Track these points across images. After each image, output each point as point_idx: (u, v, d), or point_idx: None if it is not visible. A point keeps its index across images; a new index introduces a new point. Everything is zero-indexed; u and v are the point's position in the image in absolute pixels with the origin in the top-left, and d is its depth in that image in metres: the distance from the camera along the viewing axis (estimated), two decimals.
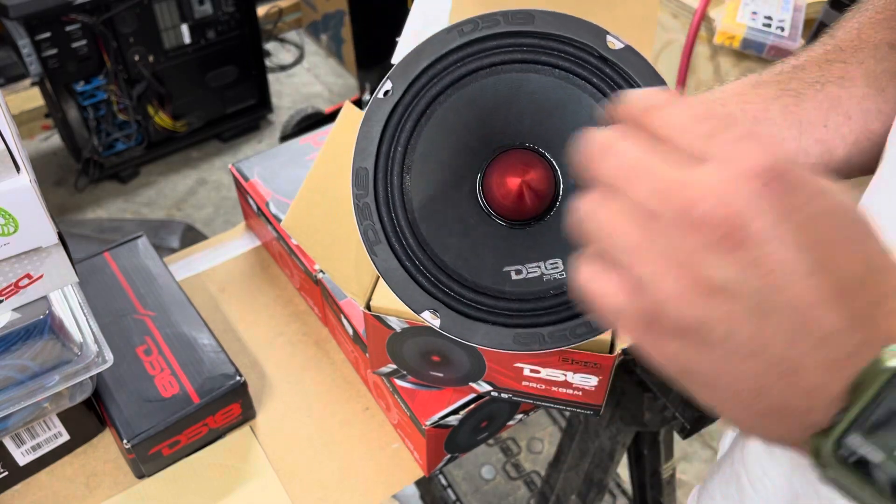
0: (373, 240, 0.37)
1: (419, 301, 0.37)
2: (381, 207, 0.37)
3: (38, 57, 1.83)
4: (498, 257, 0.37)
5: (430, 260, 0.37)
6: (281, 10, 2.69)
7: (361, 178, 0.37)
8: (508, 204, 0.37)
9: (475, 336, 0.36)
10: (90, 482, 0.68)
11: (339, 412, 0.73)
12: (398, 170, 0.37)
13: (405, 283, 0.37)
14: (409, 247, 0.37)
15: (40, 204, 0.51)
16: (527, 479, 1.48)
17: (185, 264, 0.86)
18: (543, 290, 0.36)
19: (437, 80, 0.37)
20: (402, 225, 0.37)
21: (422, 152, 0.37)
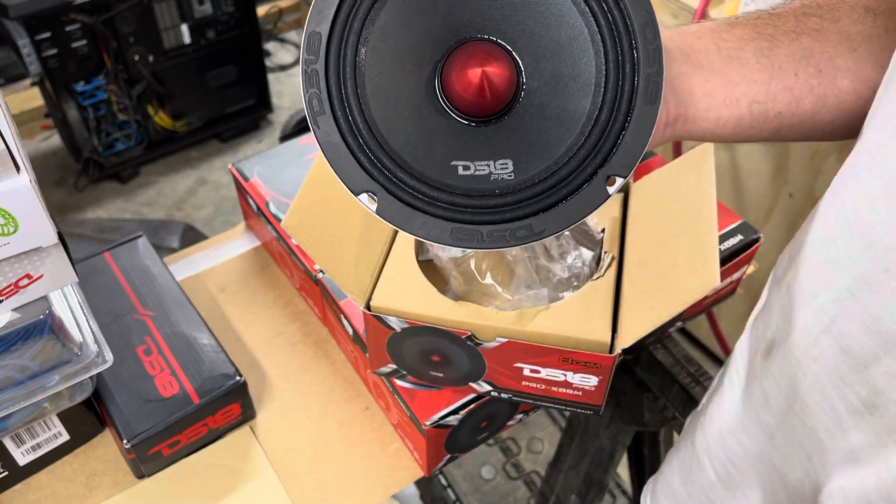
0: (317, 110, 0.35)
1: (357, 181, 0.35)
2: (330, 76, 0.35)
3: (38, 57, 1.83)
4: (447, 150, 0.36)
5: (375, 140, 0.35)
6: (281, 9, 2.69)
7: (314, 43, 0.35)
8: (466, 97, 0.35)
9: (412, 225, 0.35)
10: (90, 482, 0.68)
11: (339, 412, 0.73)
12: (354, 40, 0.35)
13: (345, 160, 0.35)
14: (355, 123, 0.35)
15: (40, 204, 0.51)
16: (527, 479, 1.48)
17: (185, 264, 0.86)
18: (489, 188, 0.35)
19: None
20: (350, 99, 0.35)
21: (381, 27, 0.35)
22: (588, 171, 0.35)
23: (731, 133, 0.44)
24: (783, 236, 1.33)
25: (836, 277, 0.40)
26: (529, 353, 0.57)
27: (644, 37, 0.35)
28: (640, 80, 0.35)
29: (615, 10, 0.35)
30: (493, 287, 0.63)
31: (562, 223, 0.35)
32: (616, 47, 0.35)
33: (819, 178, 1.24)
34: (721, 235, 0.75)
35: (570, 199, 0.35)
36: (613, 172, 0.35)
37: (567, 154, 0.35)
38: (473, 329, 0.57)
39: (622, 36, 0.35)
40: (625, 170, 0.35)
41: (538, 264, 0.60)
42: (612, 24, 0.35)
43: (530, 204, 0.35)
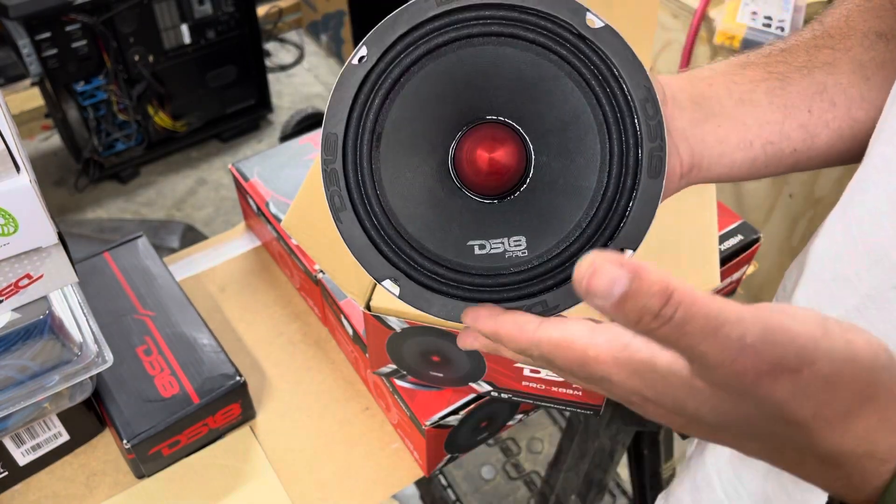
0: (338, 206, 0.37)
1: (380, 269, 0.37)
2: (349, 174, 0.37)
3: (38, 57, 1.83)
4: (464, 231, 0.37)
5: (395, 229, 0.37)
6: (281, 10, 2.69)
7: (331, 143, 0.37)
8: (478, 177, 0.37)
9: (431, 307, 0.37)
10: (90, 482, 0.68)
11: (339, 412, 0.73)
12: (369, 137, 0.37)
13: (367, 251, 0.37)
14: (375, 215, 0.37)
15: (40, 204, 0.51)
16: (527, 479, 1.48)
17: (185, 264, 0.86)
18: (504, 266, 0.37)
19: (413, 49, 0.36)
20: (368, 193, 0.37)
21: (393, 121, 0.37)
22: (598, 246, 0.36)
23: (746, 174, 0.44)
24: (783, 236, 1.33)
25: (844, 294, 0.40)
26: None
27: (645, 113, 0.36)
28: (643, 155, 0.36)
29: (616, 89, 0.36)
30: None
31: (575, 297, 0.36)
32: (618, 124, 0.36)
33: (819, 178, 1.24)
34: (721, 235, 0.75)
35: None
36: (622, 246, 0.36)
37: (577, 229, 0.36)
38: None
39: (624, 113, 0.36)
40: (633, 243, 0.36)
41: None
42: (613, 101, 0.36)
43: (543, 280, 0.36)
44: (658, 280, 0.25)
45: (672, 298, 0.25)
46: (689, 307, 0.25)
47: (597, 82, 0.36)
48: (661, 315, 0.25)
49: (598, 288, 0.26)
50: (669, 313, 0.25)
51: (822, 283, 0.42)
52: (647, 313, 0.26)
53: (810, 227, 1.28)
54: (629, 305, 0.25)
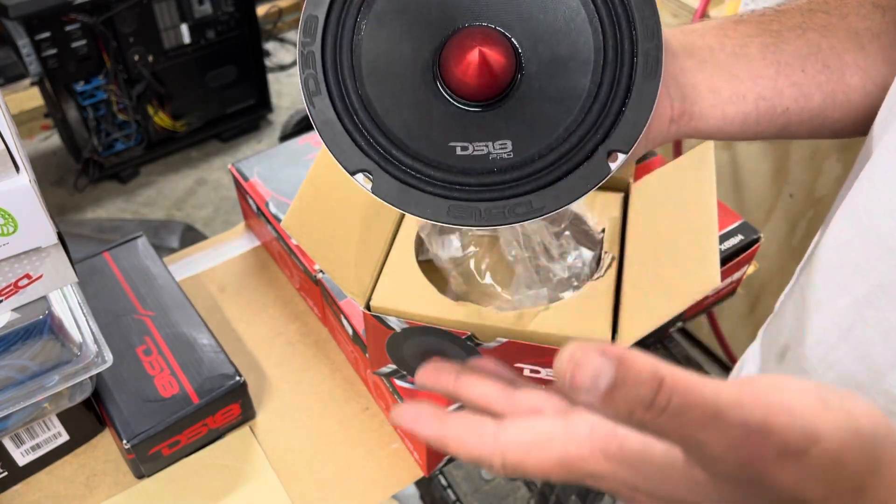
0: (313, 90, 0.35)
1: (353, 160, 0.35)
2: (326, 58, 0.35)
3: (38, 57, 1.83)
4: (445, 132, 0.36)
5: (371, 120, 0.35)
6: (280, 9, 2.69)
7: (310, 25, 0.35)
8: (465, 82, 0.35)
9: (408, 204, 0.35)
10: (90, 482, 0.68)
11: (339, 412, 0.73)
12: (351, 23, 0.35)
13: (341, 139, 0.35)
14: (351, 103, 0.35)
15: (40, 204, 0.51)
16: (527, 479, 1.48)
17: (185, 264, 0.86)
18: (488, 167, 0.35)
19: None
20: (346, 80, 0.35)
21: (378, 12, 0.35)
22: (588, 148, 0.35)
23: (738, 130, 0.43)
24: (783, 236, 1.33)
25: (853, 284, 0.39)
26: (529, 354, 0.57)
27: (641, 13, 0.35)
28: (639, 55, 0.35)
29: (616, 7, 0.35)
30: (492, 287, 0.63)
31: (562, 199, 0.35)
32: (614, 25, 0.35)
33: (819, 178, 1.24)
34: (721, 235, 0.75)
35: (570, 175, 0.35)
36: (614, 148, 0.35)
37: (567, 131, 0.35)
38: (473, 329, 0.57)
39: (619, 14, 0.35)
40: (626, 145, 0.35)
41: (538, 264, 0.60)
42: (608, 2, 0.35)
43: (529, 181, 0.35)
44: (645, 366, 0.23)
45: (664, 385, 0.23)
46: (685, 395, 0.23)
47: None
48: (655, 405, 0.23)
49: (582, 382, 0.23)
50: (663, 402, 0.23)
51: (830, 270, 0.41)
52: (638, 405, 0.23)
53: (810, 227, 1.28)
54: (618, 397, 0.23)
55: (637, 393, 0.23)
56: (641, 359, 0.23)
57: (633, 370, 0.23)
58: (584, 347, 0.24)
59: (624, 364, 0.23)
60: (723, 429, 0.24)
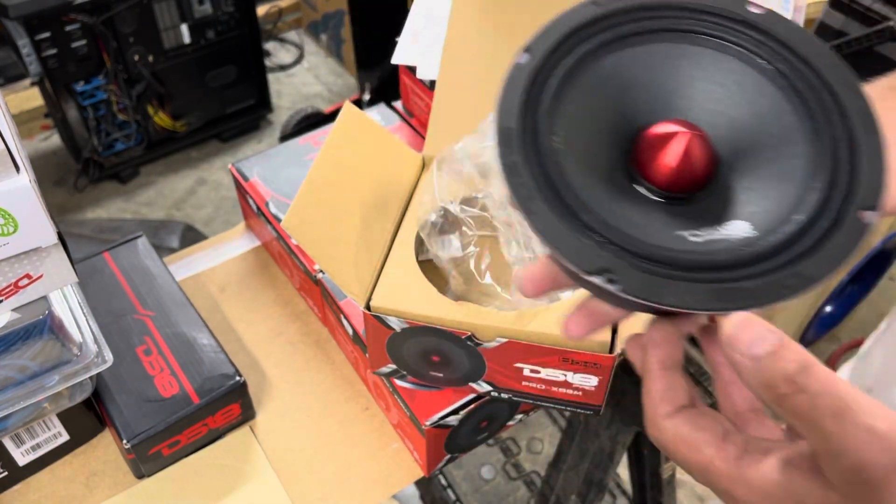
0: (526, 196, 0.33)
1: (591, 260, 0.32)
2: (531, 165, 0.34)
3: (38, 57, 1.83)
4: (668, 224, 0.34)
5: (594, 218, 0.33)
6: (281, 9, 2.69)
7: (507, 136, 0.34)
8: (664, 177, 0.35)
9: (663, 295, 0.31)
10: (90, 482, 0.68)
11: (339, 412, 0.73)
12: (545, 129, 0.35)
13: (570, 241, 0.32)
14: (567, 205, 0.33)
15: (40, 204, 0.51)
16: (527, 479, 1.48)
17: (185, 264, 0.86)
18: (730, 247, 0.33)
19: (578, 48, 0.36)
20: (555, 183, 0.34)
21: (567, 116, 0.35)
22: (833, 212, 0.33)
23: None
24: None
25: None
26: (529, 353, 0.57)
27: (835, 74, 0.34)
28: (850, 115, 0.34)
29: (799, 65, 0.35)
30: (492, 287, 0.63)
31: (832, 264, 0.32)
32: (816, 98, 0.34)
33: None
34: None
35: (827, 241, 0.33)
36: (863, 206, 0.33)
37: (800, 202, 0.33)
38: (473, 329, 0.57)
39: (816, 85, 0.34)
40: (873, 201, 0.33)
41: None
42: (802, 76, 0.35)
43: (787, 253, 0.33)
44: (799, 350, 0.27)
45: (809, 369, 0.26)
46: (824, 382, 0.26)
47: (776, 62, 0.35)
48: (796, 382, 0.26)
49: (743, 340, 0.27)
50: (803, 382, 0.26)
51: None
52: (783, 378, 0.26)
53: None
54: (768, 365, 0.27)
55: (785, 367, 0.26)
56: (797, 345, 0.27)
57: (788, 348, 0.27)
58: (754, 318, 0.28)
59: (782, 341, 0.27)
60: (850, 423, 0.25)
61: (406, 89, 0.90)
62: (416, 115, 0.90)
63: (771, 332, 0.27)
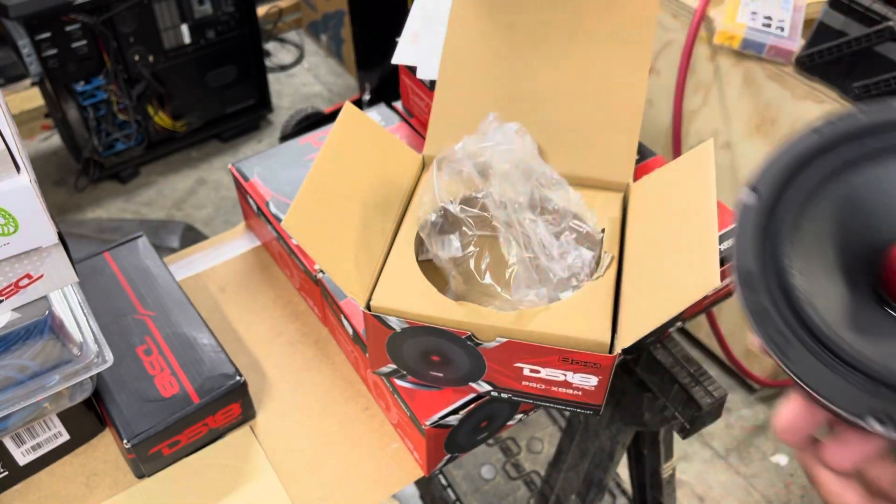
0: (781, 343, 0.33)
1: (861, 403, 0.32)
2: (781, 309, 0.34)
3: (38, 57, 1.83)
4: None
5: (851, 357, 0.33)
6: (281, 10, 2.69)
7: (750, 280, 0.34)
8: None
9: None
10: (90, 482, 0.68)
11: (339, 412, 0.73)
12: (785, 267, 0.35)
13: (838, 385, 0.32)
14: (825, 347, 0.33)
15: (40, 204, 0.51)
16: (526, 478, 1.48)
17: (185, 264, 0.86)
18: None
19: (806, 180, 0.36)
20: (810, 325, 0.34)
21: (803, 252, 0.35)
22: None
23: None
24: None
25: None
26: (529, 353, 0.57)
27: None
28: None
29: None
30: (492, 287, 0.63)
31: None
32: None
33: None
34: (721, 235, 0.75)
35: None
36: None
37: None
38: (473, 329, 0.57)
39: None
40: None
41: (538, 264, 0.60)
42: None
43: None
44: None
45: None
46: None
47: None
48: None
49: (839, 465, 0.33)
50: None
51: None
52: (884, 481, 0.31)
53: None
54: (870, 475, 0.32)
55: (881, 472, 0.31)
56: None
57: None
58: None
59: None
60: None
61: (406, 89, 0.90)
62: (416, 115, 0.90)
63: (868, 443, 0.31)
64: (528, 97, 0.69)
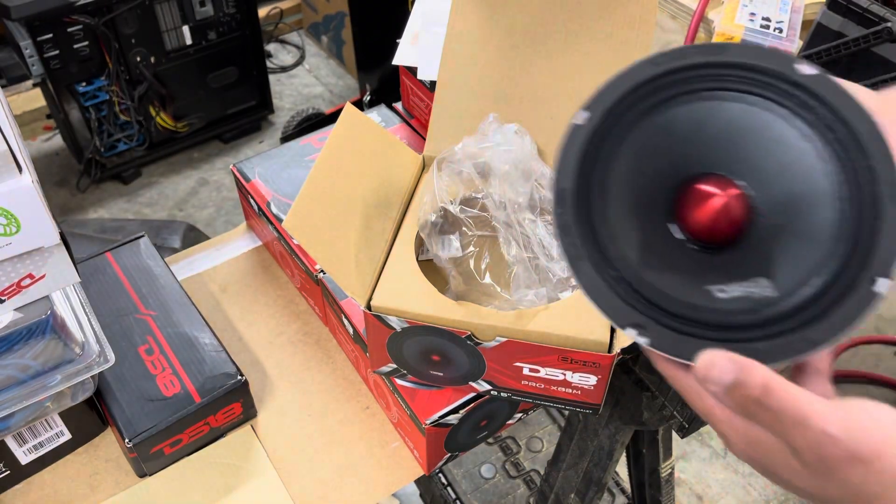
0: (574, 255, 0.37)
1: (624, 316, 0.36)
2: (582, 225, 0.38)
3: (40, 58, 1.83)
4: (697, 277, 0.37)
5: (633, 276, 0.37)
6: (282, 11, 2.70)
7: (563, 197, 0.38)
8: (702, 228, 0.38)
9: (687, 353, 0.35)
10: (92, 481, 0.68)
11: (340, 411, 0.73)
12: (597, 191, 0.38)
13: (608, 298, 0.37)
14: (610, 263, 0.37)
15: (42, 204, 0.51)
16: (526, 477, 1.49)
17: (187, 264, 0.87)
18: (752, 307, 0.36)
19: (633, 107, 0.38)
20: (602, 242, 0.37)
21: (617, 175, 0.38)
22: (849, 277, 0.35)
23: None
24: None
25: None
26: (529, 353, 0.58)
27: (872, 144, 0.36)
28: (881, 187, 0.35)
29: (837, 125, 0.36)
30: (492, 287, 0.63)
31: (840, 330, 0.35)
32: (848, 159, 0.36)
33: None
34: None
35: (838, 306, 0.35)
36: (877, 275, 0.35)
37: (820, 266, 0.35)
38: (473, 329, 0.57)
39: (850, 148, 0.36)
40: (887, 270, 0.35)
41: (538, 264, 0.60)
42: (837, 138, 0.36)
43: (800, 317, 0.35)
44: (761, 376, 0.32)
45: (771, 393, 0.32)
46: (783, 401, 0.32)
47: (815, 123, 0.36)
48: (762, 404, 0.32)
49: (712, 376, 0.33)
50: (766, 402, 0.32)
51: None
52: (749, 401, 0.33)
53: None
54: (736, 392, 0.33)
55: (750, 392, 0.32)
56: (760, 370, 0.33)
57: (750, 375, 0.32)
58: (718, 354, 0.34)
59: (745, 371, 0.32)
60: (807, 431, 0.32)
61: (406, 90, 0.90)
62: (416, 116, 0.91)
63: (733, 363, 0.33)
64: (527, 97, 0.69)
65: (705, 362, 0.34)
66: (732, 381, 0.33)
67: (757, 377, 0.32)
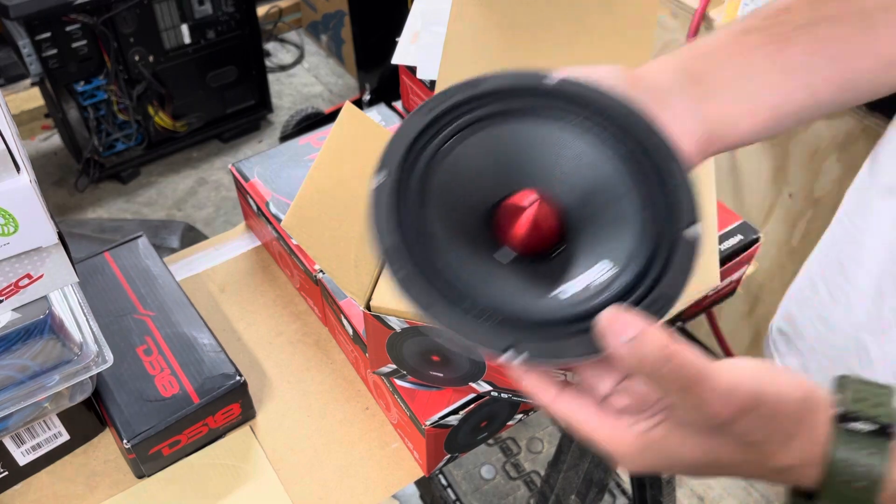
0: (425, 303, 0.37)
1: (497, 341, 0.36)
2: (421, 272, 0.37)
3: (39, 57, 1.83)
4: (542, 286, 0.39)
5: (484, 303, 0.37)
6: (281, 10, 2.69)
7: (391, 254, 0.38)
8: (525, 240, 0.39)
9: (566, 352, 0.36)
10: (90, 482, 0.68)
11: (339, 412, 0.73)
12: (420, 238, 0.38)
13: (474, 329, 0.36)
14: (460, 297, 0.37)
15: (40, 204, 0.51)
16: (526, 478, 1.48)
17: (186, 264, 0.86)
18: (601, 289, 0.37)
19: (419, 157, 0.40)
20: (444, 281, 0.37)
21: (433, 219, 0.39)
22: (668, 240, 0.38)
23: (759, 135, 0.46)
24: (783, 236, 1.33)
25: None
26: None
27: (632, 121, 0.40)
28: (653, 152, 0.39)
29: (596, 116, 0.40)
30: None
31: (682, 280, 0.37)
32: (622, 140, 0.39)
33: (819, 177, 1.24)
34: (721, 235, 0.75)
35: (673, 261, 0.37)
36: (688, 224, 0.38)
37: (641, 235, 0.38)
38: None
39: (617, 130, 0.39)
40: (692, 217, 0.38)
41: None
42: (602, 125, 0.40)
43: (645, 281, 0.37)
44: (660, 335, 0.33)
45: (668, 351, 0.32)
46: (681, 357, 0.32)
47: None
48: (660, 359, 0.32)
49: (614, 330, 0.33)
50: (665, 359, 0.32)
51: None
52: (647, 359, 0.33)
53: (809, 227, 1.28)
54: (636, 349, 0.33)
55: (650, 349, 0.32)
56: (659, 330, 0.33)
57: (650, 333, 0.32)
58: (620, 311, 0.34)
59: (644, 331, 0.32)
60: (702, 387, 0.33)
61: (406, 89, 0.90)
62: None
63: (635, 320, 0.33)
64: None
65: (608, 317, 0.33)
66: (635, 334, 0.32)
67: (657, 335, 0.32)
